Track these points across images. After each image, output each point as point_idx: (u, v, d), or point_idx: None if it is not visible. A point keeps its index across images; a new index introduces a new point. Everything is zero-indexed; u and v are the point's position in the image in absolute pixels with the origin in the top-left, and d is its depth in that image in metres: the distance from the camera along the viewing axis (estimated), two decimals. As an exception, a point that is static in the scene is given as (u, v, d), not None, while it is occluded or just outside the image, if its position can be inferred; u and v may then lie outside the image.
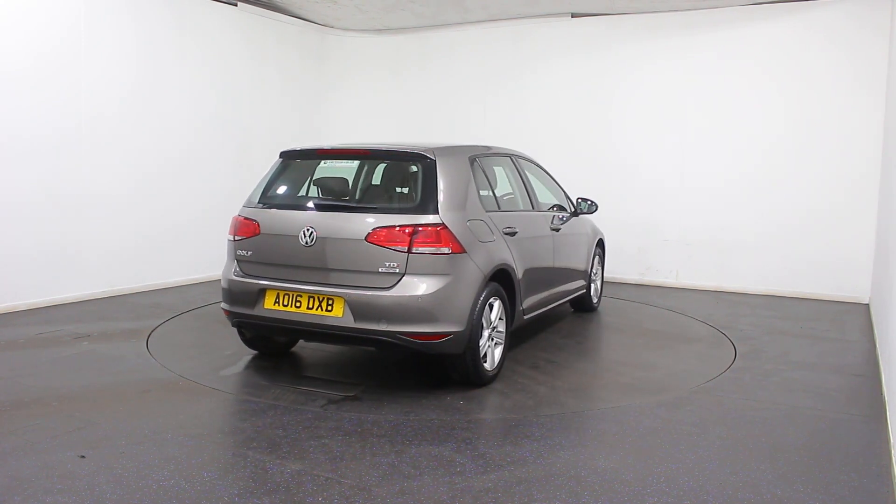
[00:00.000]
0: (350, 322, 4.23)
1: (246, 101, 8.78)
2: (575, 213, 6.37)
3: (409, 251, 4.17)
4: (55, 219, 6.66)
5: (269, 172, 5.02)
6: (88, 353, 5.17)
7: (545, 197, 6.17)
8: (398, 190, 4.86)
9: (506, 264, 4.74)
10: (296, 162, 5.02)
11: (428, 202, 4.34)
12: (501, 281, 4.75)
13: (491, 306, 4.59)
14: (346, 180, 4.91)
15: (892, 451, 3.57)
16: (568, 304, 6.85)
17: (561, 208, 6.22)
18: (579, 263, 6.47)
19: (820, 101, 7.85)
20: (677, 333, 6.27)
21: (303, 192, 4.91)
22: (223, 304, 4.80)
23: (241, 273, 4.68)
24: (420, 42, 9.95)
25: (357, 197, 4.86)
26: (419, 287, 4.16)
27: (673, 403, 4.36)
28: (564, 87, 9.13)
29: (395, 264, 4.18)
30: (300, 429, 3.77)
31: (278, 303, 4.46)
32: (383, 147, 4.85)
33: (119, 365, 4.90)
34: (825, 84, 7.81)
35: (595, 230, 7.04)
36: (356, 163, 5.02)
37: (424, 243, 4.19)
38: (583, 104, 9.04)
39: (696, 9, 8.30)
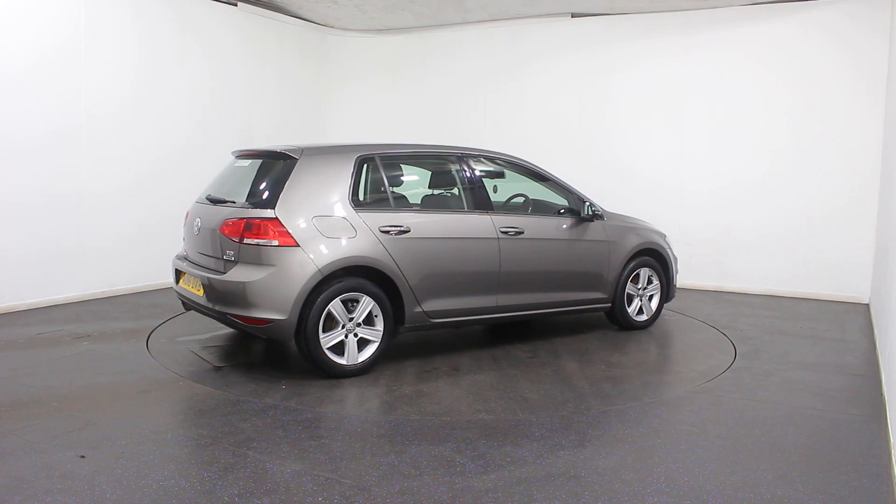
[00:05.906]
0: (205, 301, 4.79)
1: (245, 100, 8.77)
2: (589, 219, 5.96)
3: (240, 241, 4.59)
4: (55, 218, 6.66)
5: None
6: (88, 353, 5.18)
7: (553, 199, 6.01)
8: (258, 187, 5.02)
9: (370, 261, 4.71)
10: (232, 160, 5.51)
11: (269, 198, 4.70)
12: (377, 279, 4.77)
13: (354, 302, 4.69)
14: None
15: (892, 451, 3.57)
16: (606, 318, 6.41)
17: (573, 212, 5.93)
18: (588, 273, 5.95)
19: (820, 102, 7.84)
20: (659, 361, 5.78)
21: (216, 188, 5.32)
22: None
23: (177, 255, 5.51)
24: (420, 42, 9.94)
25: (232, 192, 5.17)
26: (243, 274, 4.55)
27: (673, 403, 4.36)
28: (564, 86, 9.12)
29: (232, 253, 4.65)
30: (300, 429, 3.78)
31: (183, 281, 5.20)
32: (274, 148, 5.14)
33: (119, 365, 4.90)
34: (825, 84, 7.80)
35: (636, 239, 6.21)
36: (256, 162, 5.29)
37: (254, 235, 4.57)
38: (582, 104, 9.04)
39: (696, 9, 8.30)
